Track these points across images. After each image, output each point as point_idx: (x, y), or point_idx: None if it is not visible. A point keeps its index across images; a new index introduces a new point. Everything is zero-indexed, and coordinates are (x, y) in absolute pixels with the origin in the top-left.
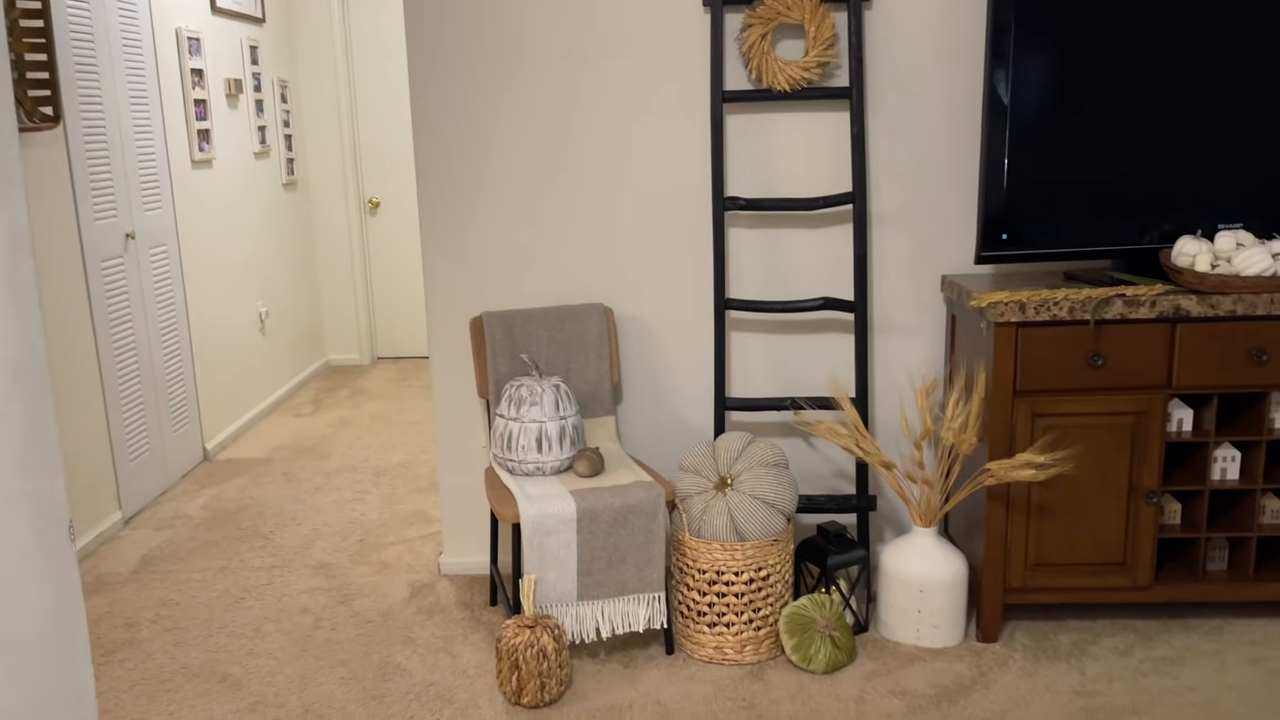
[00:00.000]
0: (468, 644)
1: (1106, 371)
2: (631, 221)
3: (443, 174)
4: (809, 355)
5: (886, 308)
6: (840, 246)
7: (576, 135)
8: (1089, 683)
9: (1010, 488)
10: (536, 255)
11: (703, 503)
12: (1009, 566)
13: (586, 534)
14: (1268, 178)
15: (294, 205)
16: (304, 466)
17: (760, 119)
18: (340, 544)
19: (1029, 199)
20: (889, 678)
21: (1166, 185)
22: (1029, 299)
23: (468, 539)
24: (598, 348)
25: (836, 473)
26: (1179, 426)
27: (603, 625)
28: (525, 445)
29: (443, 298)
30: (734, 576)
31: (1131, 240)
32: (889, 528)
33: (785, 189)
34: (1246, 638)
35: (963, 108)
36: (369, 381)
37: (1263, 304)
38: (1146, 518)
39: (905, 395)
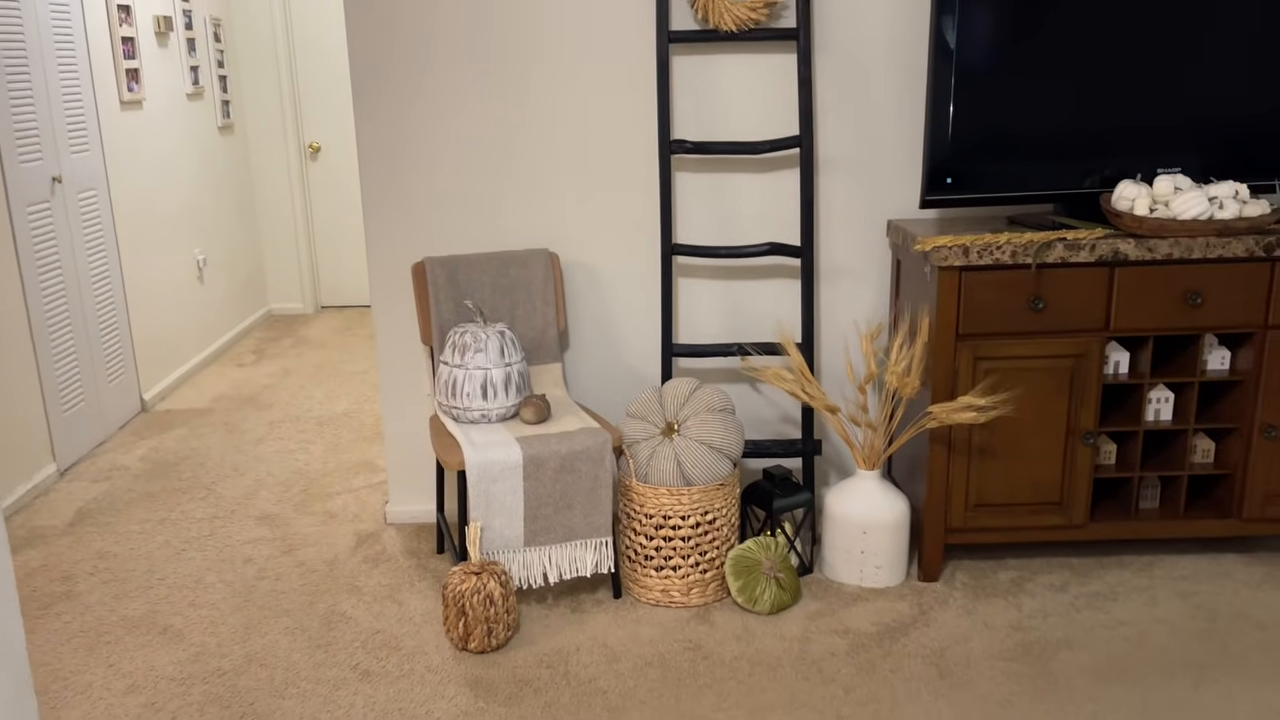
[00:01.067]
0: (414, 592)
1: (1047, 315)
2: (577, 165)
3: (382, 116)
4: (756, 301)
5: (833, 253)
6: (787, 191)
7: (520, 76)
8: (1025, 618)
9: (952, 430)
10: (480, 200)
11: (649, 448)
12: (950, 507)
13: (533, 480)
14: (1207, 123)
15: (231, 149)
16: (246, 417)
17: (707, 60)
18: (284, 494)
19: (973, 144)
20: (832, 617)
21: (1109, 130)
22: (972, 243)
23: (414, 487)
24: (543, 294)
25: (783, 418)
26: (1116, 369)
27: (550, 571)
28: (470, 392)
29: (384, 243)
30: (680, 521)
31: (1074, 184)
32: (834, 471)
33: (732, 132)
34: (1176, 573)
35: (910, 52)
36: (312, 330)
37: (1198, 247)
38: (1083, 458)
39: (851, 340)
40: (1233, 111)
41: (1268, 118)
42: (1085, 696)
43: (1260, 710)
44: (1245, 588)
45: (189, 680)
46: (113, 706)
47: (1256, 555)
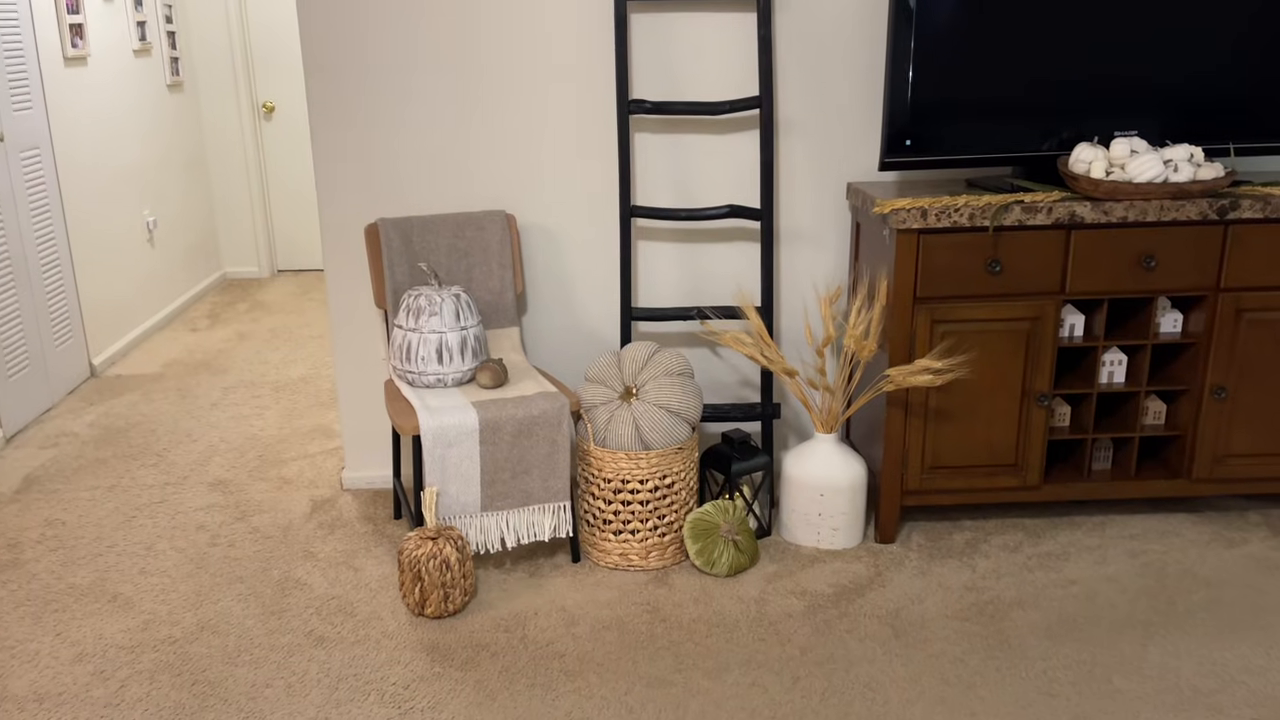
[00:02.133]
0: (371, 558)
1: (1004, 278)
2: (535, 126)
3: (334, 73)
4: (716, 264)
5: (793, 215)
6: (747, 153)
7: (475, 35)
8: (979, 578)
9: (909, 393)
10: (435, 160)
11: (608, 412)
12: (906, 469)
13: (489, 445)
14: (1164, 86)
15: (181, 108)
16: (199, 382)
17: (666, 19)
18: (238, 460)
19: (933, 106)
20: (789, 579)
21: (1067, 93)
22: (930, 205)
23: (370, 453)
24: (500, 256)
25: (743, 382)
26: (1071, 332)
27: (507, 535)
28: (425, 356)
29: (336, 204)
30: (639, 485)
31: (1033, 147)
32: (794, 435)
33: (691, 92)
34: (1127, 532)
35: (871, 13)
36: (269, 294)
37: (1153, 210)
38: (1037, 420)
39: (810, 304)
40: (1190, 75)
41: (1224, 81)
42: (1036, 654)
43: (1204, 665)
44: (1193, 546)
45: (138, 648)
46: (60, 675)
47: (1205, 515)
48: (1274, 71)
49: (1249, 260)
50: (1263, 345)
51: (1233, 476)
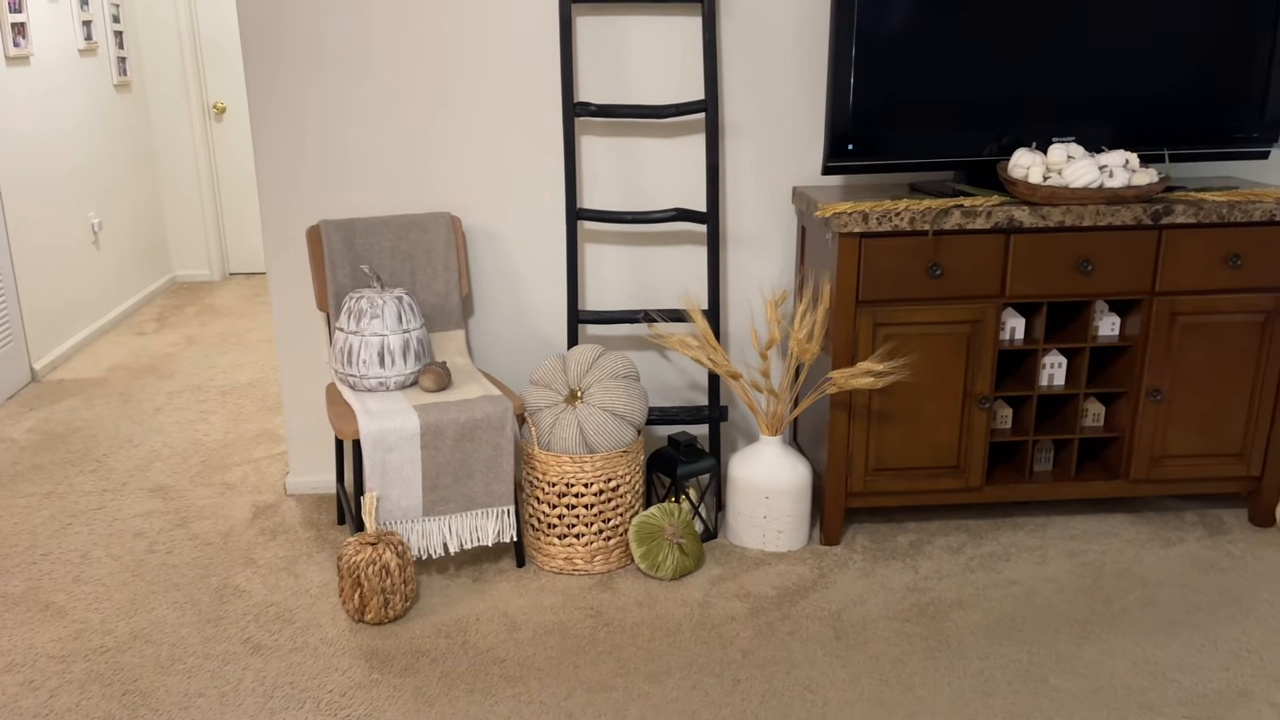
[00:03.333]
0: (312, 564)
1: (945, 281)
2: (480, 128)
3: (275, 71)
4: (664, 267)
5: (740, 219)
6: (693, 157)
7: (420, 35)
8: (921, 580)
9: (852, 396)
10: (380, 162)
11: (552, 416)
12: (851, 472)
13: (431, 449)
14: (1101, 93)
15: (128, 109)
16: (144, 387)
17: (611, 21)
18: (180, 466)
19: (875, 111)
20: (734, 582)
21: (1008, 99)
22: (871, 209)
23: (315, 457)
24: (445, 259)
25: (691, 384)
26: (1011, 335)
27: (450, 540)
28: (366, 360)
29: (279, 205)
30: (584, 488)
31: (973, 152)
32: (742, 437)
33: (637, 95)
34: (1067, 533)
35: (815, 18)
36: (219, 298)
37: (1089, 215)
38: (979, 422)
39: (757, 306)
40: (1126, 83)
41: (1159, 89)
42: (974, 654)
43: (1138, 663)
44: (1131, 546)
45: (69, 658)
46: None
47: (1143, 515)
48: (1207, 80)
49: (1182, 265)
50: (1196, 348)
51: (1169, 477)
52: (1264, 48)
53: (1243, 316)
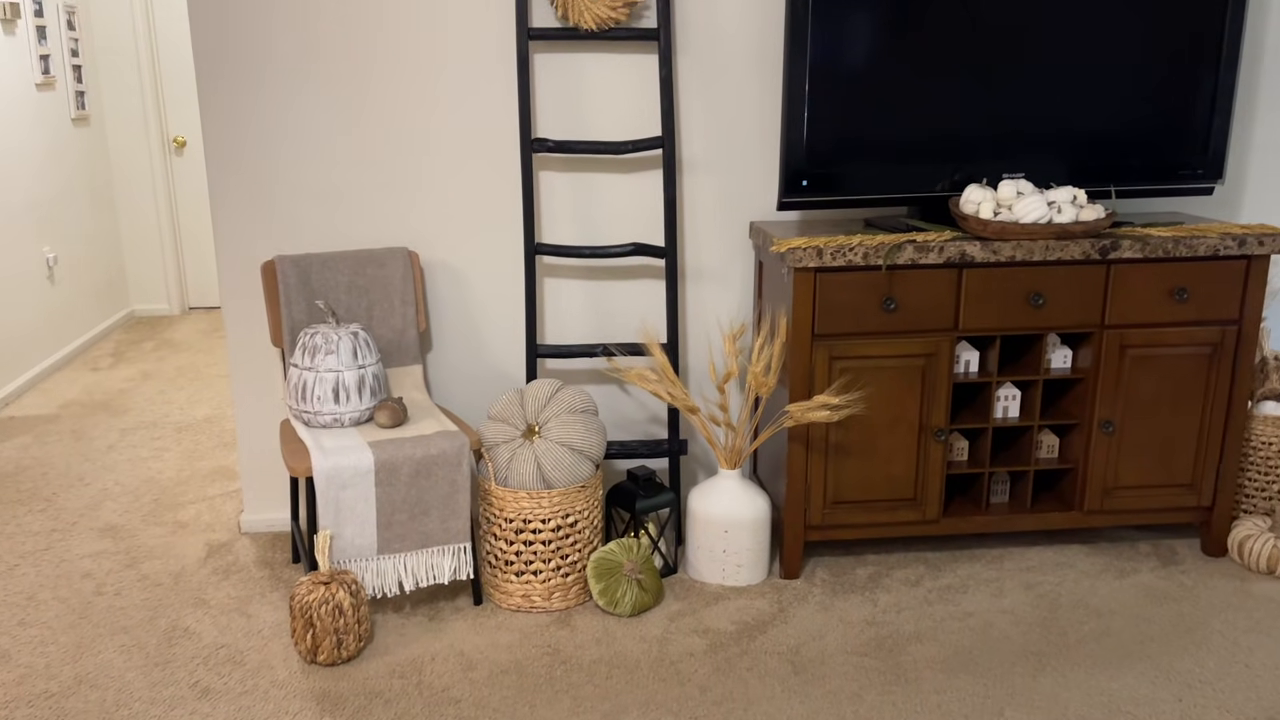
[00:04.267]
0: (265, 603)
1: (899, 315)
2: (439, 163)
3: (231, 105)
4: (623, 301)
5: (697, 253)
6: (652, 191)
7: (378, 69)
8: (880, 613)
9: (809, 429)
10: (337, 196)
11: (509, 451)
12: (809, 505)
13: (386, 486)
14: (1049, 131)
15: (87, 142)
16: (97, 423)
17: (568, 59)
18: (132, 504)
19: (828, 147)
20: (693, 617)
21: (959, 136)
22: (826, 245)
23: (270, 495)
24: (402, 294)
25: (651, 418)
26: (966, 368)
27: (405, 578)
28: (321, 396)
29: (234, 240)
30: (541, 524)
31: (926, 188)
32: (703, 471)
33: (595, 132)
34: (1024, 564)
35: (770, 55)
36: (178, 332)
37: (1039, 250)
38: (936, 455)
39: (715, 340)
40: (1074, 121)
41: (1106, 127)
42: (931, 688)
43: (1092, 694)
44: (1085, 577)
45: (11, 704)
46: None
47: (1098, 546)
48: (1152, 118)
49: (1130, 298)
50: (1146, 380)
51: (1122, 508)
52: (1206, 87)
53: (1190, 349)
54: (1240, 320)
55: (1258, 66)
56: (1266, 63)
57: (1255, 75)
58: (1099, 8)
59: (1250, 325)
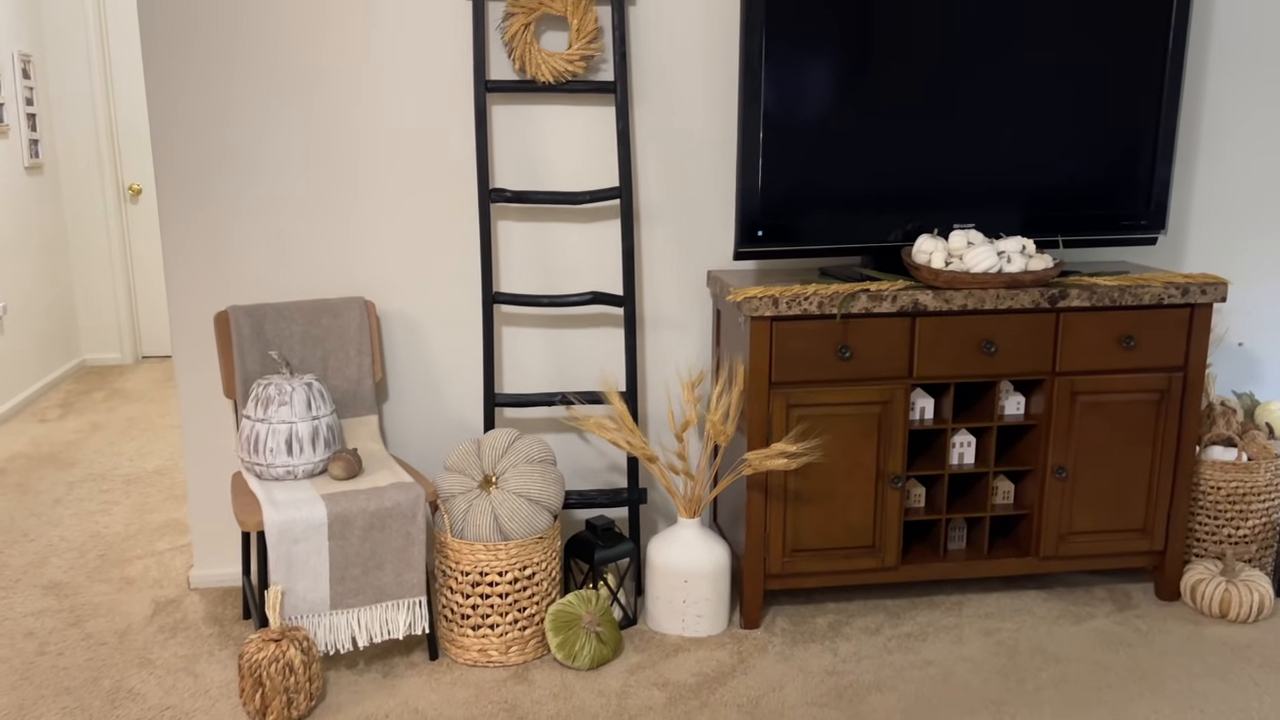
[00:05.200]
0: (214, 662)
1: (854, 363)
2: (396, 212)
3: (184, 153)
4: (582, 349)
5: (656, 302)
6: (610, 241)
7: (335, 120)
8: (840, 662)
9: (768, 477)
10: (292, 246)
11: (466, 502)
12: (769, 553)
13: (339, 540)
14: (999, 182)
15: (40, 191)
16: (43, 477)
17: (526, 110)
18: (78, 560)
19: (783, 198)
20: (653, 670)
21: (911, 187)
22: (781, 294)
23: (221, 549)
24: (358, 344)
25: (610, 467)
26: (921, 415)
27: (359, 634)
28: (274, 448)
29: (187, 290)
30: (498, 577)
31: (879, 238)
32: (663, 520)
33: (553, 182)
34: (982, 611)
35: (725, 105)
36: (130, 382)
37: (990, 299)
38: (893, 502)
39: (674, 388)
40: (1022, 173)
41: (1053, 179)
42: None
43: None
44: (1043, 623)
45: None
46: None
47: (1054, 591)
48: (1098, 170)
49: (1079, 346)
50: (1097, 426)
51: (1077, 553)
52: (1148, 140)
53: (1139, 395)
54: (1186, 367)
55: (1197, 119)
56: (1205, 116)
57: (1195, 128)
58: (1044, 64)
59: (1196, 372)
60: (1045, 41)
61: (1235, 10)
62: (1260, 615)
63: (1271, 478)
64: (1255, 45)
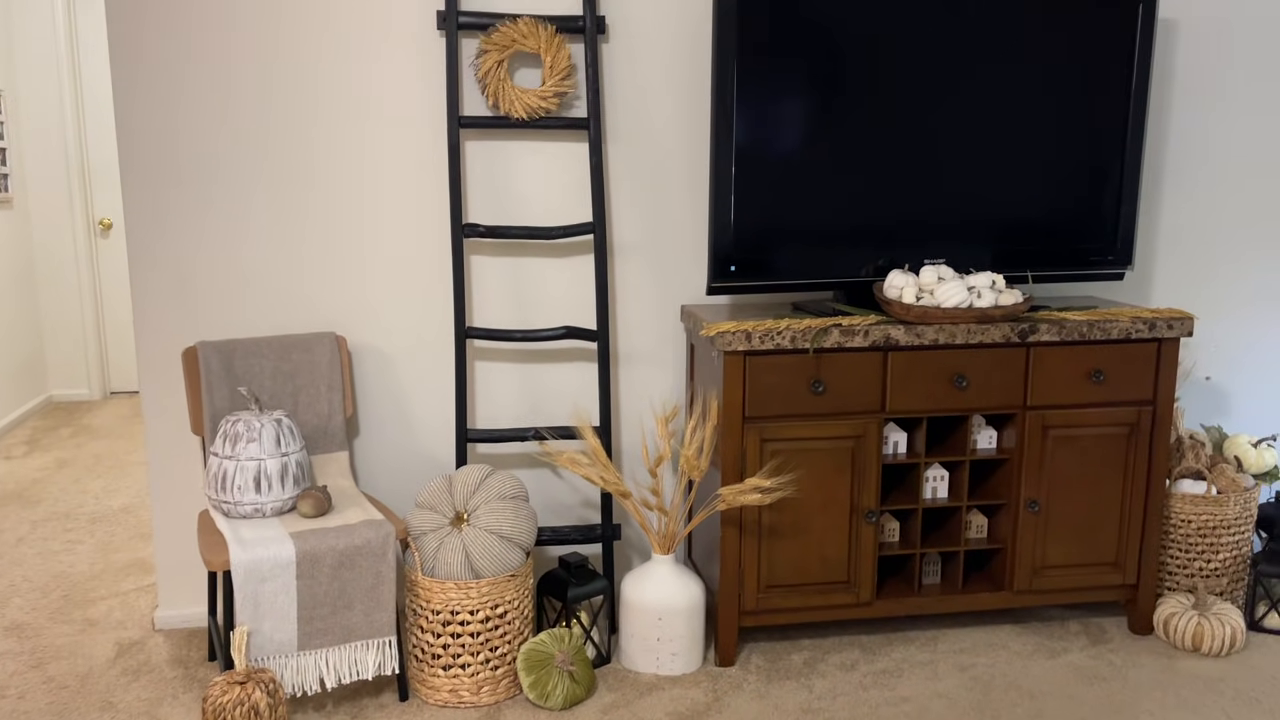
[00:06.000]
0: (177, 705)
1: (827, 398)
2: (369, 247)
3: (155, 187)
4: (556, 384)
5: (630, 337)
6: (584, 275)
7: (306, 156)
8: (815, 699)
9: (742, 512)
10: (263, 280)
11: (437, 540)
12: (744, 589)
13: (307, 579)
14: (969, 218)
15: (8, 225)
16: (7, 515)
17: (500, 145)
18: (40, 601)
19: (755, 233)
20: (626, 709)
21: (882, 222)
22: (754, 329)
23: (187, 589)
24: (329, 379)
25: (584, 502)
26: (894, 449)
27: (327, 675)
28: (242, 485)
29: (155, 324)
30: (469, 616)
31: (851, 273)
32: (637, 556)
33: (527, 217)
34: (957, 646)
35: (697, 141)
36: (98, 418)
37: (961, 333)
38: (867, 537)
39: (648, 423)
40: (992, 209)
41: (1022, 215)
42: None
43: None
44: (1018, 658)
45: None
46: None
47: (1029, 625)
48: (1065, 207)
49: (1050, 380)
50: (1068, 460)
51: (1051, 587)
52: (1114, 177)
53: (1109, 429)
54: (1155, 401)
55: (1162, 155)
56: (1169, 154)
57: (1160, 163)
58: (1011, 103)
59: (1164, 406)
60: (1012, 79)
61: (1196, 49)
62: (1233, 648)
63: (1241, 511)
64: (1217, 83)
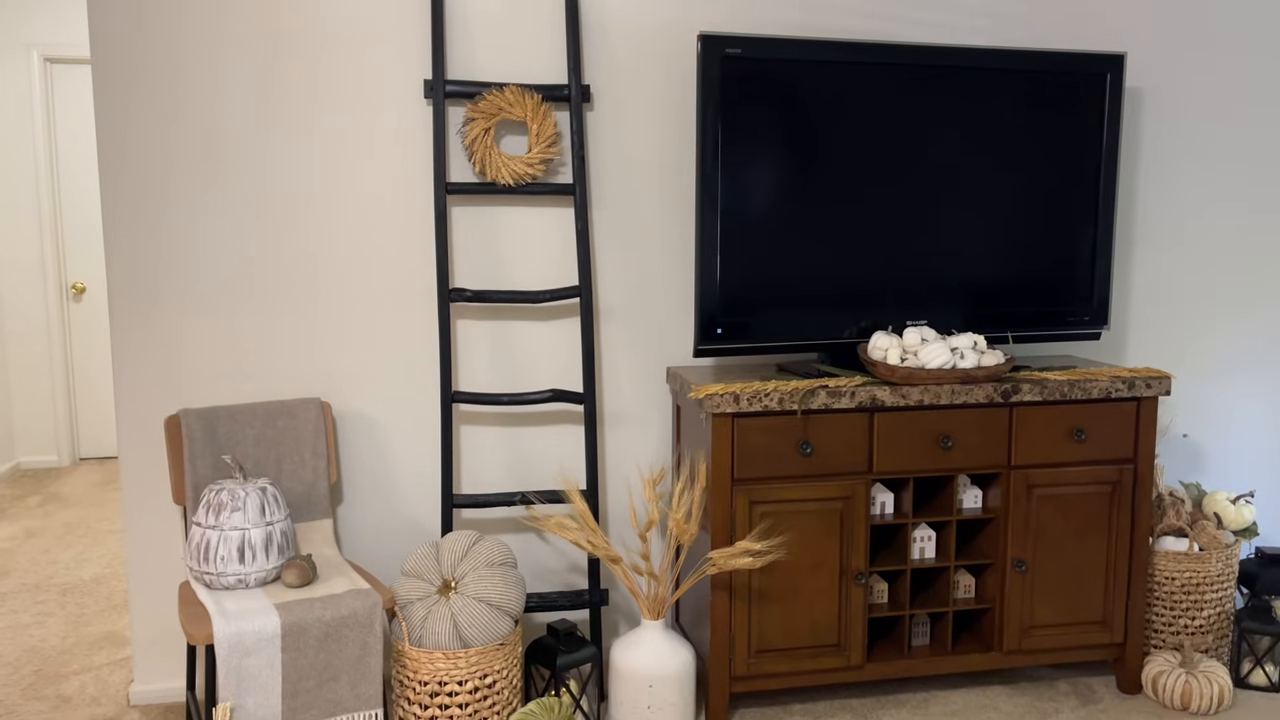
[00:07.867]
0: None
1: (815, 459)
2: (354, 312)
3: (137, 253)
4: (542, 448)
5: (616, 399)
6: (570, 338)
7: (293, 219)
8: None
9: (732, 576)
10: (246, 347)
11: (424, 609)
12: (734, 655)
13: (293, 651)
14: (950, 281)
15: None
16: None
17: (486, 211)
18: (10, 677)
19: (740, 295)
20: None
21: (865, 284)
22: (742, 390)
23: (164, 662)
24: (313, 446)
25: (571, 567)
26: (882, 509)
27: None
28: (225, 556)
29: (136, 391)
30: (457, 686)
31: (835, 335)
32: (625, 621)
33: (513, 281)
34: (949, 708)
35: (682, 205)
36: (67, 485)
37: (945, 394)
38: (856, 598)
39: (635, 486)
40: (971, 271)
41: (1002, 277)
42: None
43: None
44: (1009, 719)
45: None
46: None
47: (1019, 686)
48: (1043, 269)
49: (1033, 439)
50: (1053, 519)
51: (1039, 647)
52: (1087, 239)
53: (1091, 487)
54: (1135, 459)
55: (1132, 216)
56: (1139, 215)
57: (1130, 224)
58: (986, 168)
59: (1145, 463)
60: (989, 147)
61: (1163, 115)
62: (1221, 706)
63: (1223, 567)
64: (1185, 148)
